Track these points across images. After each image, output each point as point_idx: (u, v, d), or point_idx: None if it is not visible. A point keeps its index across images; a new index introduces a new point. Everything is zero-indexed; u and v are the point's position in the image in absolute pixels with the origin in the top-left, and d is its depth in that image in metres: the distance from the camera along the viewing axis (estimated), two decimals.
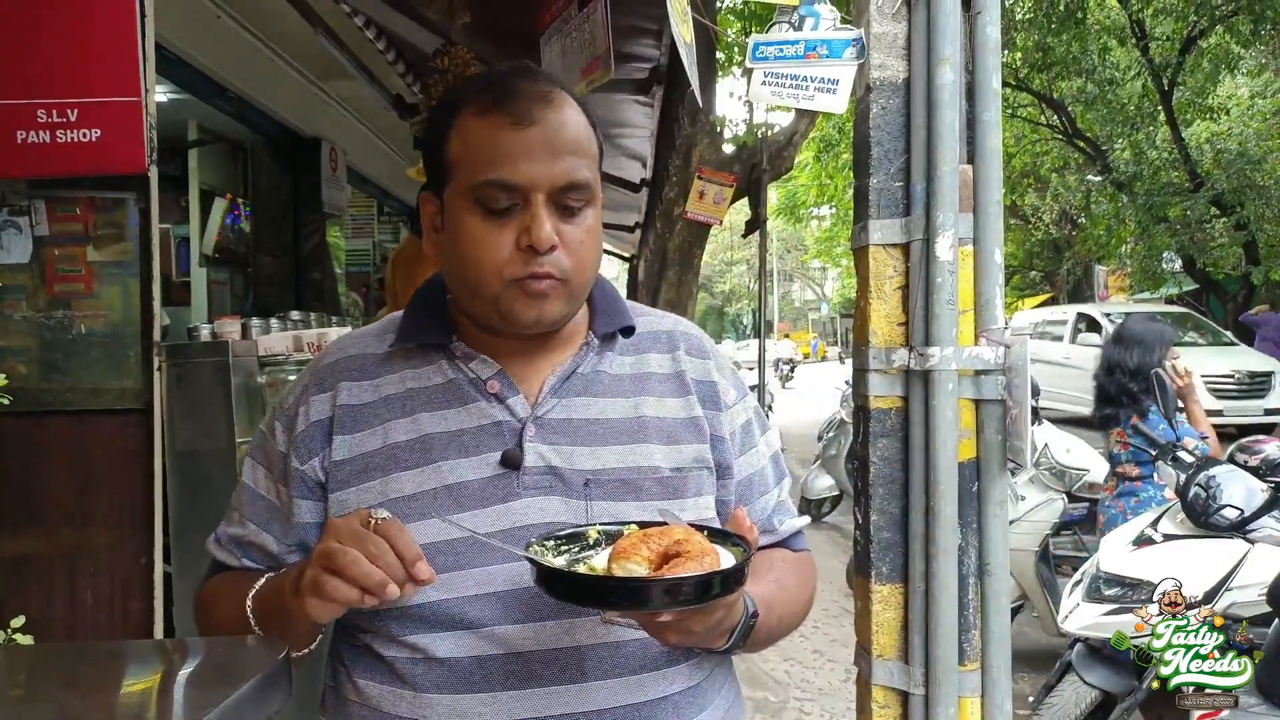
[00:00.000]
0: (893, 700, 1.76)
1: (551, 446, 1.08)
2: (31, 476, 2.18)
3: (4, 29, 2.07)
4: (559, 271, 1.04)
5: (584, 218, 1.06)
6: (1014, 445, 1.68)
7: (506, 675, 1.02)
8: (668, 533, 0.95)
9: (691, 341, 1.22)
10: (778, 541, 1.25)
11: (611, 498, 1.07)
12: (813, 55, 1.75)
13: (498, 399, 1.10)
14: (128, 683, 0.92)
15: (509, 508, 1.05)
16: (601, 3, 2.56)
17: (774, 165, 7.75)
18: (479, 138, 1.04)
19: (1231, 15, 13.25)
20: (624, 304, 1.21)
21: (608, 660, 1.04)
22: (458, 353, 1.12)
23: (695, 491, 1.12)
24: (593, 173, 1.07)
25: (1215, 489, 3.35)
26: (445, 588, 1.02)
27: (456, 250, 1.06)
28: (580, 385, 1.13)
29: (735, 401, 1.21)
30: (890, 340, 1.76)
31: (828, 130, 15.31)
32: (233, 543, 1.15)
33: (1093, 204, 18.39)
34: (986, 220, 1.70)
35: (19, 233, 2.17)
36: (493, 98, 1.04)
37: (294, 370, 2.63)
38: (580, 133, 1.06)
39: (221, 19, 4.13)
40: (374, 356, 1.14)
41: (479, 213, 1.03)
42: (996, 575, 1.71)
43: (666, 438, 1.12)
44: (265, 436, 1.15)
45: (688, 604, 0.90)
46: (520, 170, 1.01)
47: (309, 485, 1.10)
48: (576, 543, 1.01)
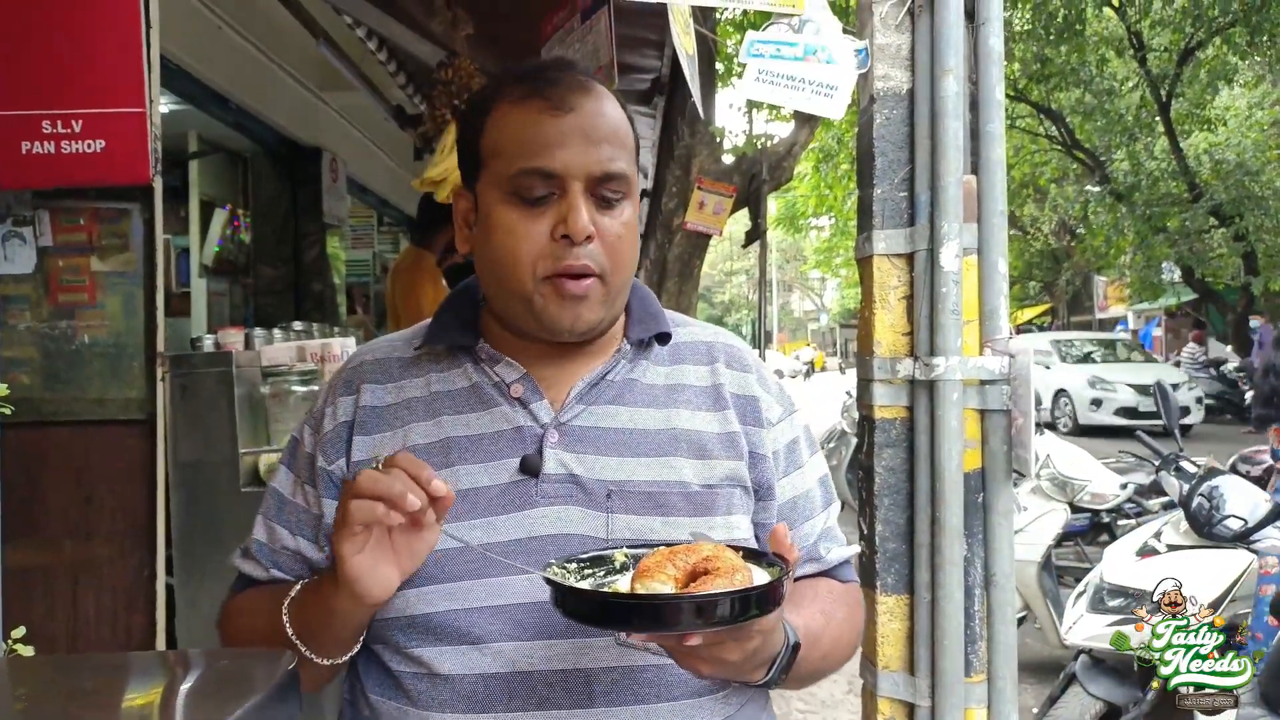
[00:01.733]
0: (898, 712, 1.75)
1: (574, 454, 1.04)
2: (34, 487, 2.17)
3: (9, 40, 2.08)
4: (595, 266, 1.00)
5: (621, 211, 1.03)
6: (1018, 455, 1.68)
7: (510, 695, 0.98)
8: (696, 549, 0.89)
9: (732, 354, 1.17)
10: (824, 571, 1.18)
11: (634, 511, 1.02)
12: (811, 59, 1.74)
13: (521, 404, 1.06)
14: (133, 695, 0.91)
15: (525, 516, 1.02)
16: (606, 15, 2.56)
17: (774, 176, 7.74)
18: (516, 125, 1.01)
19: (1228, 27, 13.32)
20: (662, 311, 1.16)
21: (620, 685, 0.99)
22: (483, 355, 1.09)
23: (725, 510, 1.06)
24: (630, 167, 1.04)
25: (1219, 499, 3.34)
26: (453, 597, 0.99)
27: (490, 244, 1.03)
28: (610, 393, 1.08)
29: (780, 419, 1.15)
30: (895, 350, 1.76)
31: (827, 141, 15.34)
32: (262, 551, 1.12)
33: (1091, 215, 18.44)
34: (991, 230, 1.70)
35: (23, 243, 2.17)
36: (531, 85, 1.02)
37: (298, 381, 2.63)
38: (618, 124, 1.04)
39: (223, 30, 4.14)
40: (400, 360, 1.13)
41: (514, 203, 1.01)
42: (1002, 586, 1.71)
43: (698, 452, 1.07)
44: (296, 442, 1.14)
45: (717, 625, 0.83)
46: (558, 157, 0.99)
47: (335, 485, 1.07)
48: (602, 566, 0.95)
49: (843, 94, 1.76)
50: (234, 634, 1.12)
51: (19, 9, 2.04)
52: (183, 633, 2.38)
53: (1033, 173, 19.51)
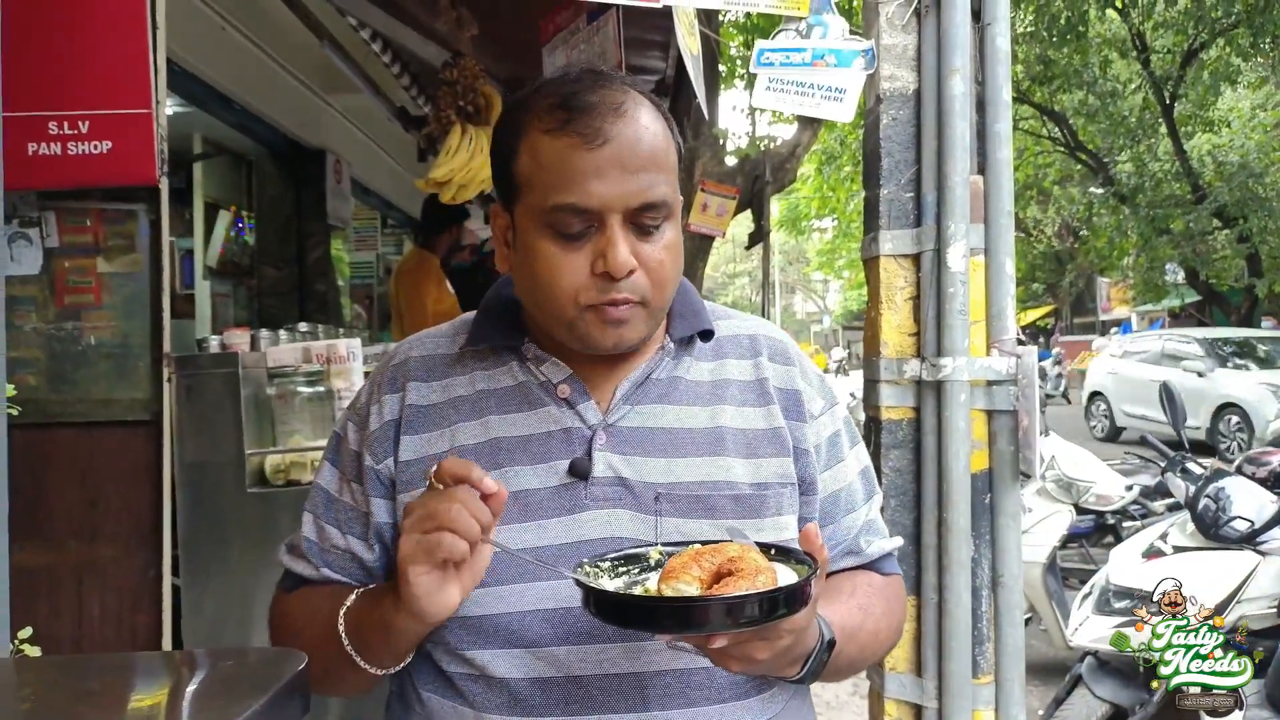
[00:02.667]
0: (905, 713, 1.75)
1: (622, 456, 1.03)
2: (40, 488, 2.17)
3: (16, 42, 2.08)
4: (637, 295, 0.99)
5: (662, 235, 1.01)
6: (1024, 456, 1.67)
7: (565, 700, 0.99)
8: (721, 549, 0.89)
9: (775, 346, 1.15)
10: (865, 564, 1.16)
11: (683, 514, 1.02)
12: (820, 64, 1.74)
13: (568, 404, 1.06)
14: (139, 696, 0.90)
15: (575, 520, 1.01)
16: (613, 17, 2.56)
17: (777, 178, 7.74)
18: (549, 159, 0.99)
19: (1231, 29, 13.30)
20: (704, 306, 1.15)
21: (672, 689, 0.99)
22: (529, 355, 1.08)
23: (775, 510, 1.05)
24: (670, 186, 1.02)
25: (1225, 501, 3.33)
26: (506, 600, 0.99)
27: (529, 272, 1.02)
28: (655, 392, 1.07)
29: (822, 411, 1.14)
30: (901, 351, 1.75)
31: (830, 143, 15.34)
32: (312, 549, 1.11)
33: (1095, 216, 18.42)
34: (997, 231, 1.70)
35: (30, 244, 2.18)
36: (564, 116, 0.98)
37: (303, 382, 2.63)
38: (657, 144, 1.00)
39: (228, 31, 4.15)
40: (445, 357, 1.12)
41: (552, 236, 0.99)
42: (1010, 587, 1.70)
43: (746, 451, 1.06)
44: (339, 438, 1.13)
45: (741, 627, 0.83)
46: (593, 193, 0.96)
47: (383, 484, 1.06)
48: (636, 564, 0.96)
49: (851, 96, 1.76)
50: (287, 636, 1.10)
51: (26, 11, 2.05)
52: (188, 633, 2.38)
53: (1036, 174, 19.49)
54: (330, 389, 2.63)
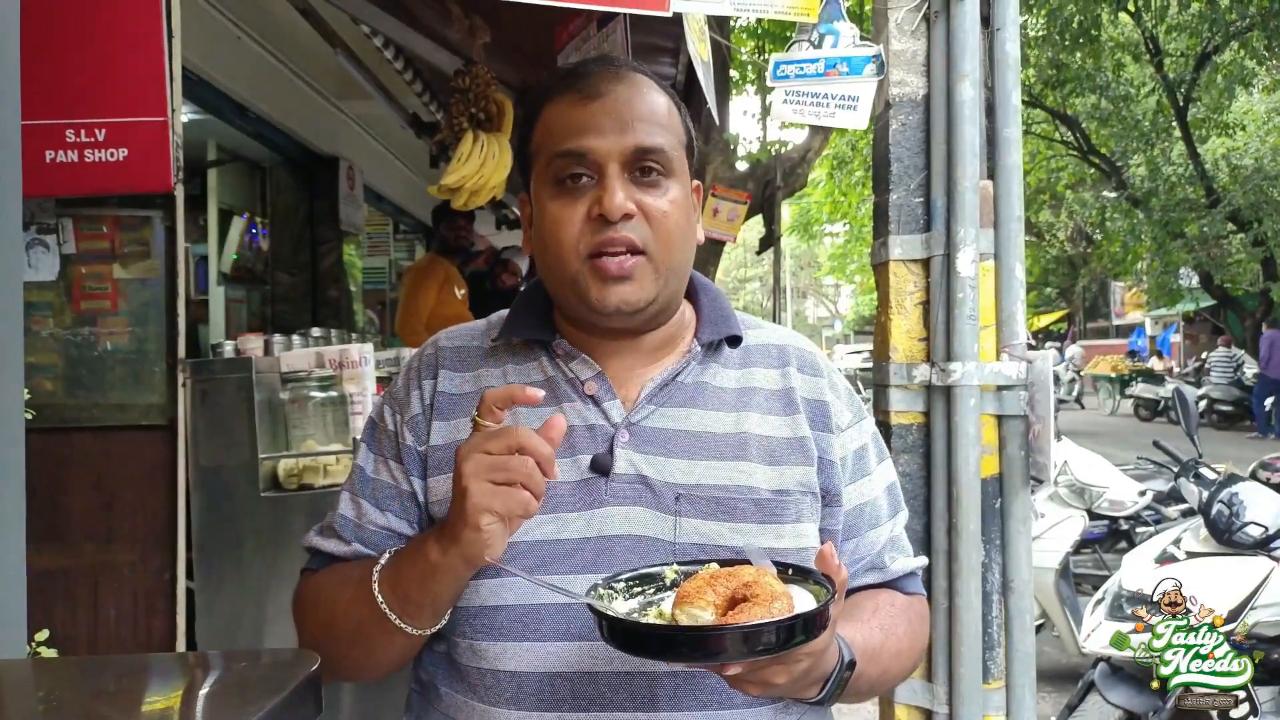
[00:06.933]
0: (916, 719, 1.75)
1: (644, 455, 1.04)
2: (56, 492, 2.19)
3: (33, 51, 2.11)
4: (639, 241, 1.01)
5: (666, 189, 1.04)
6: (1036, 461, 1.67)
7: (574, 695, 0.99)
8: (736, 574, 0.87)
9: (804, 358, 1.16)
10: (889, 581, 1.15)
11: (703, 516, 1.02)
12: (833, 73, 1.76)
13: (594, 401, 1.07)
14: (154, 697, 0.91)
15: (595, 515, 1.02)
16: (622, 23, 2.58)
17: (788, 182, 7.74)
18: (553, 120, 1.05)
19: (1246, 31, 13.24)
20: (733, 313, 1.16)
21: (684, 691, 0.99)
22: (559, 351, 1.10)
23: (795, 518, 1.05)
24: (672, 146, 1.04)
25: (1239, 506, 3.31)
26: (520, 592, 1.00)
27: (540, 235, 1.06)
28: (681, 394, 1.09)
29: (849, 424, 1.14)
30: (911, 355, 1.75)
31: (841, 147, 15.32)
32: (347, 526, 1.11)
33: (1108, 220, 18.34)
34: (1007, 235, 1.70)
35: (47, 250, 2.20)
36: (568, 82, 1.06)
37: (316, 386, 2.64)
38: (656, 106, 1.05)
39: (242, 40, 4.18)
40: (477, 349, 1.14)
41: (555, 191, 1.03)
42: (1020, 593, 1.70)
43: (769, 457, 1.07)
44: (375, 423, 1.14)
45: (757, 655, 0.81)
46: (588, 138, 1.01)
47: (420, 463, 1.09)
48: (651, 583, 0.94)
49: (865, 104, 1.78)
50: (312, 609, 1.11)
51: (43, 20, 2.08)
52: (202, 635, 2.39)
53: (1049, 178, 19.43)
54: (343, 394, 2.65)
